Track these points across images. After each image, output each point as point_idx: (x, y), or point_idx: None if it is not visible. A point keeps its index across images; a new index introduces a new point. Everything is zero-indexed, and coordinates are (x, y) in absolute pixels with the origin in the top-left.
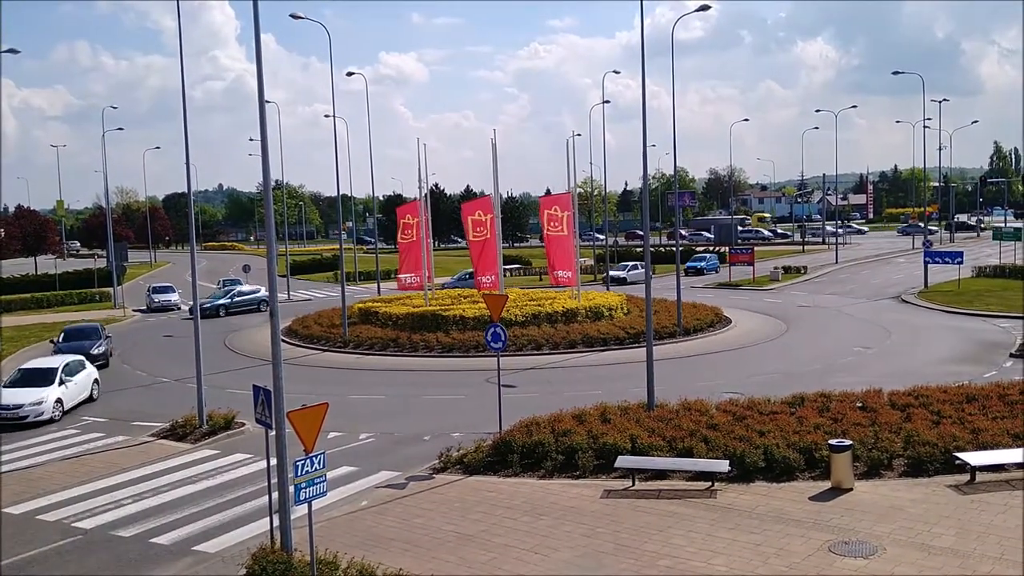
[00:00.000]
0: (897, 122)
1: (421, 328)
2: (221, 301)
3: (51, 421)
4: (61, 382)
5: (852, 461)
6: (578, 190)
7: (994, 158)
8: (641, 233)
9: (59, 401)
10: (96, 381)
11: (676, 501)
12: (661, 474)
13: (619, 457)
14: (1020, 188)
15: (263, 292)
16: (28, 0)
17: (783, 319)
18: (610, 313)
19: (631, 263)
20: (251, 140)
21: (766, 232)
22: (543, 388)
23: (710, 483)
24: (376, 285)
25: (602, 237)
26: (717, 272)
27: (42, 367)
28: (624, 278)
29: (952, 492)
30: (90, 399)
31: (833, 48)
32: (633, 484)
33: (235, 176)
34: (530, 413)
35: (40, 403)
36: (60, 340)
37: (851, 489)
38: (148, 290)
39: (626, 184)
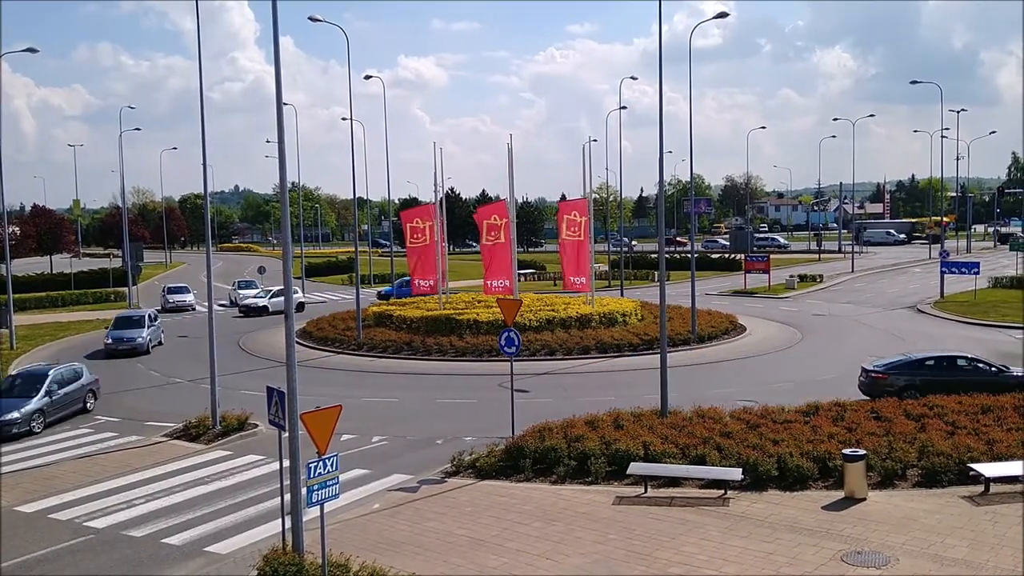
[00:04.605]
0: (915, 131)
1: (435, 332)
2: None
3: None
4: (270, 296)
5: (866, 471)
6: (594, 196)
7: (1012, 168)
8: (679, 239)
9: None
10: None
11: (689, 508)
12: (674, 481)
13: (632, 464)
14: None
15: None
16: (50, 0)
17: (798, 327)
18: (624, 319)
19: None
20: (268, 142)
21: (782, 240)
22: (556, 393)
23: (723, 491)
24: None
25: (633, 242)
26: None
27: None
28: None
29: (966, 503)
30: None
31: (851, 57)
32: (645, 491)
33: (251, 177)
34: (543, 418)
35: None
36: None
37: (864, 499)
38: (163, 290)
39: (642, 190)
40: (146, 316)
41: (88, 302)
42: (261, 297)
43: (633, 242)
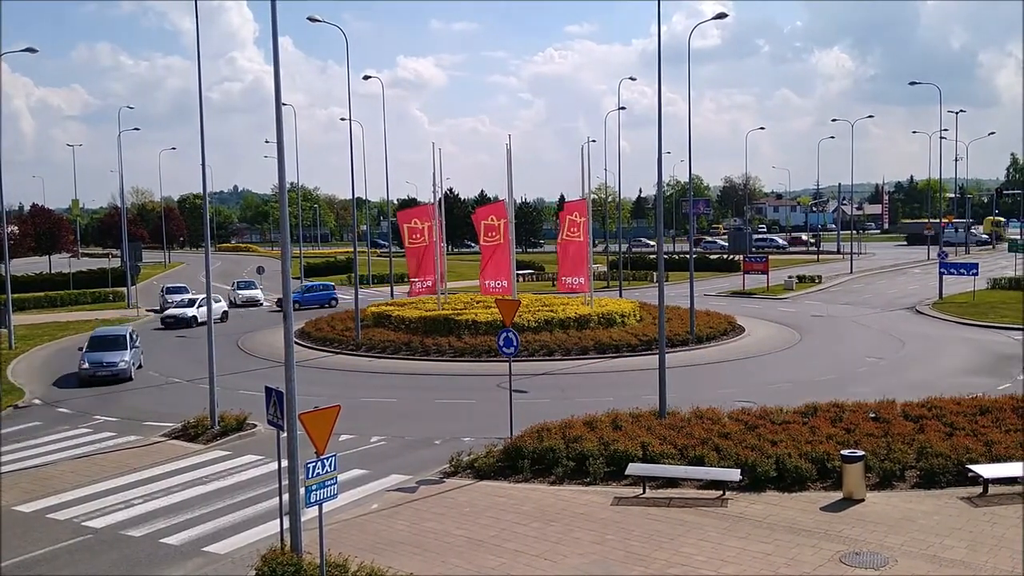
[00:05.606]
0: (913, 132)
1: (434, 332)
2: None
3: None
4: (197, 305)
5: (864, 472)
6: (592, 196)
7: (1011, 170)
8: (707, 237)
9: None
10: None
11: (687, 509)
12: (672, 482)
13: (630, 464)
14: None
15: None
16: (50, 0)
17: (797, 328)
18: (622, 320)
19: None
20: (267, 142)
21: (780, 240)
22: (555, 394)
23: (721, 492)
24: (389, 288)
25: (651, 243)
26: (334, 304)
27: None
28: None
29: (964, 504)
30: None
31: (849, 58)
32: (644, 492)
33: (250, 178)
34: (541, 419)
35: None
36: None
37: (863, 500)
38: (162, 290)
39: (640, 191)
40: (127, 335)
41: (87, 302)
42: (188, 305)
43: (648, 241)
